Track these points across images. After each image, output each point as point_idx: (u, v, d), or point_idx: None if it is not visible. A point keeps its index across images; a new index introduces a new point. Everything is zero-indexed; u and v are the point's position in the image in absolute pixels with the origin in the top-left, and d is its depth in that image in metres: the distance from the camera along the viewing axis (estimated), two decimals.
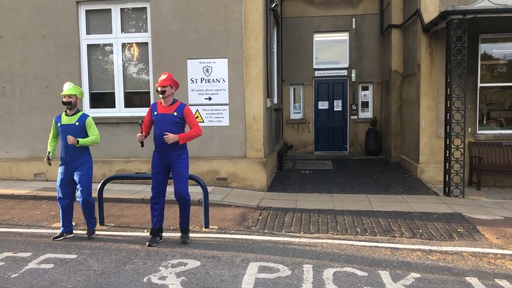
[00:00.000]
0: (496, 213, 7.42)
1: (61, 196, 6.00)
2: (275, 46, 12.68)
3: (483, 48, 9.92)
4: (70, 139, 5.76)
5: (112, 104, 9.67)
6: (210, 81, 9.11)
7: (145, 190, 8.72)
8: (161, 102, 5.76)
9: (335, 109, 15.33)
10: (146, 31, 9.46)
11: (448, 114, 8.66)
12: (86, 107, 9.66)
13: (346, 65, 15.09)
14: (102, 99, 9.79)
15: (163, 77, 5.66)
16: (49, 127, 9.63)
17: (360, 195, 8.74)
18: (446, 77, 8.77)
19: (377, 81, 14.90)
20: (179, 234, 6.20)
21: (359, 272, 4.80)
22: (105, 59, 9.76)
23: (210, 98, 9.15)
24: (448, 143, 8.69)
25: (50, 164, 6.10)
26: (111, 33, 9.53)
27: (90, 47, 9.66)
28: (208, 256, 5.32)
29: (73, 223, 6.79)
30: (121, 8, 9.46)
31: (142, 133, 5.77)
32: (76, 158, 5.95)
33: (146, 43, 9.46)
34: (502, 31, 9.64)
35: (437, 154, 9.83)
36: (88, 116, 6.06)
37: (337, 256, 5.31)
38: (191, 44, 9.13)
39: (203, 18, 9.06)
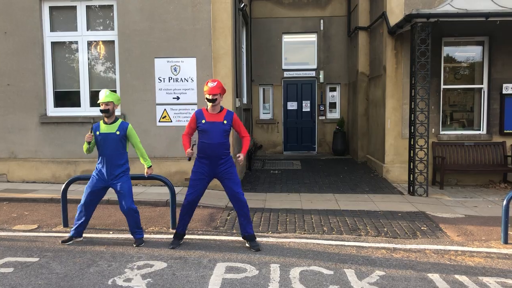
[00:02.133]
0: (458, 211, 7.65)
1: (88, 202, 5.74)
2: (244, 46, 12.69)
3: (446, 51, 10.22)
4: (150, 172, 5.92)
5: (77, 103, 9.46)
6: (178, 80, 9.03)
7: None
8: (206, 109, 5.57)
9: (303, 110, 15.46)
10: (112, 29, 9.29)
11: (412, 115, 8.87)
12: (50, 106, 9.41)
13: (315, 66, 15.26)
14: (67, 98, 9.56)
15: (212, 84, 5.42)
16: (11, 126, 9.35)
17: (327, 195, 8.85)
18: (411, 79, 8.99)
19: (344, 82, 15.12)
20: (145, 236, 6.13)
21: (325, 271, 4.85)
22: (70, 57, 9.53)
23: (178, 98, 9.07)
24: (412, 143, 8.90)
25: (90, 139, 5.71)
26: (76, 30, 9.32)
27: (54, 44, 9.41)
28: (175, 257, 5.27)
29: (36, 225, 6.61)
30: (87, 6, 9.26)
31: (191, 149, 5.53)
32: (117, 168, 5.71)
33: (113, 41, 9.30)
34: (464, 35, 9.95)
35: (402, 154, 10.05)
36: (129, 124, 5.80)
37: (304, 255, 5.36)
38: (158, 43, 9.03)
39: (171, 17, 8.97)
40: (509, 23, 8.90)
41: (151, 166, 5.95)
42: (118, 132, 5.66)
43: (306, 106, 15.44)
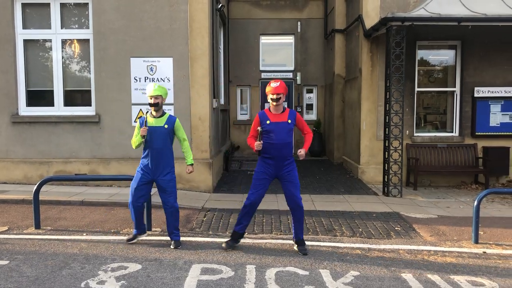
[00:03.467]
0: (431, 211, 7.79)
1: (136, 199, 5.66)
2: (221, 47, 12.67)
3: (420, 54, 10.41)
4: (192, 169, 5.96)
5: (50, 103, 9.27)
6: (155, 80, 8.95)
7: (85, 192, 8.43)
8: (269, 110, 5.53)
9: None
10: (88, 27, 9.15)
11: (387, 117, 9.01)
12: (22, 106, 9.20)
13: (292, 68, 15.34)
14: (40, 97, 9.36)
15: (275, 84, 5.41)
16: None
17: (303, 195, 8.83)
18: (386, 82, 9.12)
19: (321, 84, 15.25)
20: (120, 237, 6.05)
21: (301, 271, 4.87)
22: (43, 55, 9.34)
23: None
24: (387, 145, 9.04)
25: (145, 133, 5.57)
26: (50, 28, 9.14)
27: (27, 42, 9.21)
28: (150, 259, 5.21)
29: (6, 227, 6.45)
30: (61, 3, 9.09)
31: (260, 140, 5.46)
32: (165, 165, 5.67)
33: (88, 40, 9.15)
34: (437, 38, 10.16)
35: (377, 155, 10.19)
36: (176, 118, 5.77)
37: (280, 256, 5.38)
38: (135, 42, 8.93)
39: (148, 16, 8.89)
40: (480, 28, 9.13)
41: (192, 164, 5.94)
42: (166, 126, 5.62)
43: None
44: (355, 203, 8.29)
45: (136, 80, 8.98)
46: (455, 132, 10.44)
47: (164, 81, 8.95)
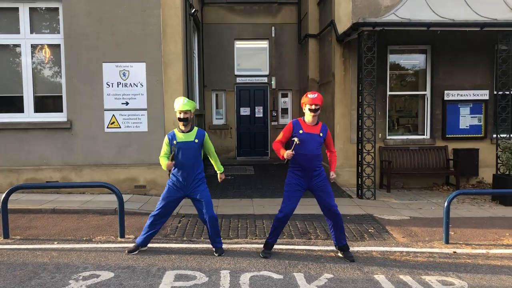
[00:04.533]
0: (403, 213, 7.92)
1: (162, 212, 5.56)
2: (196, 52, 12.64)
3: (392, 58, 10.60)
4: (223, 177, 6.01)
5: (20, 109, 9.07)
6: (128, 85, 8.86)
7: (57, 200, 8.26)
8: (303, 120, 5.49)
9: (256, 115, 15.56)
10: (58, 32, 9.01)
11: (360, 121, 9.13)
12: None
13: (267, 73, 15.40)
14: (9, 103, 9.16)
15: (313, 95, 5.38)
16: None
17: (279, 199, 8.86)
18: (358, 86, 9.25)
19: (296, 88, 15.35)
20: (92, 245, 5.95)
21: (275, 275, 4.89)
22: (12, 61, 9.14)
23: (127, 103, 8.89)
24: (360, 148, 9.16)
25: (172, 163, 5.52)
26: (18, 33, 8.96)
27: None
28: (123, 266, 5.14)
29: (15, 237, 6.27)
30: (30, 8, 8.92)
31: (293, 151, 5.37)
32: (196, 177, 5.61)
33: (59, 45, 9.01)
34: (408, 43, 10.37)
35: (351, 158, 10.30)
36: (205, 131, 5.68)
37: (255, 260, 5.37)
38: (107, 47, 8.83)
39: (120, 21, 8.80)
40: (449, 33, 9.36)
41: (223, 172, 5.93)
42: (196, 140, 5.54)
43: (259, 112, 15.55)
44: None
45: (109, 86, 8.87)
46: (427, 135, 10.66)
47: (137, 86, 8.87)
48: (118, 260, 5.36)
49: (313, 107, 5.40)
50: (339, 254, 5.60)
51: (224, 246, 5.96)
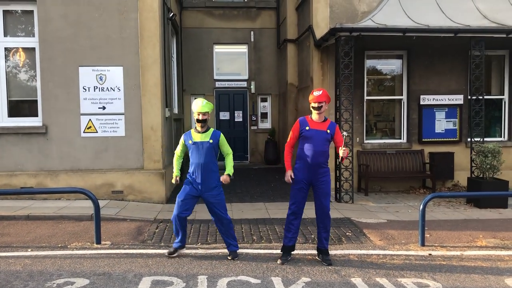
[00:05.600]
0: (381, 216, 8.01)
1: (181, 211, 5.54)
2: (174, 56, 12.58)
3: (369, 63, 10.74)
4: (227, 180, 5.65)
5: None
6: (104, 89, 8.76)
7: (31, 206, 8.09)
8: (310, 117, 5.49)
9: (236, 120, 15.56)
10: (33, 35, 8.86)
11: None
12: None
13: (246, 77, 15.43)
14: None
15: (318, 93, 5.40)
16: None
17: (258, 203, 8.93)
18: (336, 90, 9.34)
19: (275, 93, 15.41)
20: (67, 252, 5.84)
21: (253, 280, 4.88)
22: None
23: (104, 107, 8.79)
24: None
25: (178, 183, 5.73)
26: None
27: None
28: (98, 273, 5.06)
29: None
30: (4, 10, 8.76)
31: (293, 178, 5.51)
32: (211, 180, 5.59)
33: (34, 48, 8.85)
34: (385, 48, 10.52)
35: (330, 162, 10.33)
36: (220, 132, 5.66)
37: (233, 265, 5.35)
38: (83, 51, 8.72)
39: (97, 24, 8.71)
40: (424, 38, 9.52)
41: (229, 174, 5.72)
42: (211, 141, 5.56)
43: (239, 116, 15.55)
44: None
45: (85, 90, 8.75)
46: (403, 139, 10.81)
47: (114, 90, 8.78)
48: (94, 266, 5.27)
49: (316, 105, 5.46)
50: (317, 258, 5.62)
51: (202, 251, 5.94)
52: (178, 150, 5.81)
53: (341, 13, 10.26)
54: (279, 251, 5.94)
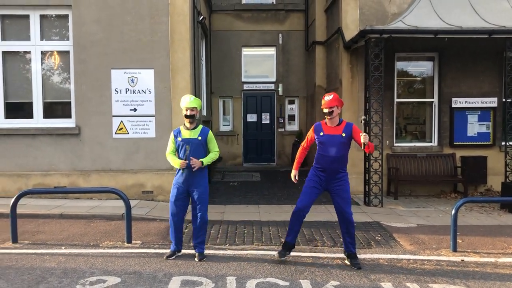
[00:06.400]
0: (411, 220, 7.88)
1: (175, 212, 5.66)
2: (203, 59, 12.71)
3: (399, 65, 10.59)
4: (197, 163, 5.48)
5: (30, 115, 9.17)
6: (136, 91, 8.93)
7: (65, 205, 8.31)
8: (325, 122, 5.51)
9: (263, 122, 15.59)
10: (68, 39, 9.11)
11: (367, 128, 9.11)
12: (0, 118, 9.07)
13: (274, 79, 15.44)
14: (19, 109, 9.26)
15: (328, 97, 5.40)
16: None
17: (285, 206, 8.92)
18: (365, 93, 9.26)
19: (302, 95, 15.37)
20: (99, 250, 5.98)
21: (281, 282, 4.88)
22: (23, 67, 9.25)
23: (135, 109, 8.95)
24: (367, 155, 9.13)
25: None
26: (29, 40, 9.07)
27: (5, 54, 9.12)
28: (129, 272, 5.16)
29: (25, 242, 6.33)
30: (40, 15, 9.04)
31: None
32: (199, 177, 5.64)
33: (68, 52, 9.10)
34: (415, 50, 10.36)
35: (358, 165, 10.25)
36: (209, 129, 5.75)
37: (261, 267, 5.37)
38: (115, 54, 8.91)
39: (129, 28, 8.89)
40: (456, 40, 9.34)
41: (202, 162, 5.58)
42: (200, 138, 5.61)
43: (266, 118, 15.58)
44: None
45: (117, 92, 8.94)
46: (434, 142, 10.61)
47: (145, 92, 8.94)
48: (125, 265, 5.38)
49: (327, 110, 5.41)
50: (346, 262, 5.57)
51: (230, 252, 5.97)
52: (169, 148, 5.74)
53: (371, 15, 10.16)
54: (307, 254, 5.94)
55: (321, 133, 5.49)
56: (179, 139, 5.61)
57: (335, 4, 11.37)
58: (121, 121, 8.95)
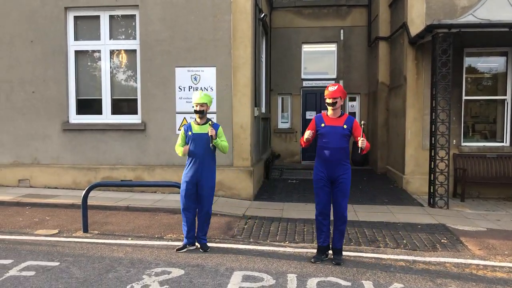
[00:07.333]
0: (479, 224, 7.50)
1: (187, 207, 5.88)
2: (263, 56, 12.75)
3: (468, 61, 10.09)
4: (213, 131, 5.67)
5: (99, 111, 9.61)
6: (198, 89, 9.12)
7: (130, 198, 8.67)
8: (326, 114, 5.55)
9: None
10: (134, 38, 9.46)
11: (433, 126, 8.77)
12: (72, 114, 9.59)
13: (334, 76, 15.22)
14: (89, 105, 9.74)
15: (333, 88, 5.41)
16: (34, 133, 9.55)
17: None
18: (432, 90, 8.90)
19: (364, 92, 15.04)
20: (163, 243, 6.18)
21: (343, 282, 4.80)
22: (92, 66, 9.72)
23: None
24: (433, 154, 8.79)
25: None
26: (99, 39, 9.51)
27: (77, 53, 9.61)
28: (192, 264, 5.29)
29: (57, 230, 6.72)
30: (110, 15, 9.45)
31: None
32: (207, 171, 5.83)
33: (135, 50, 9.46)
34: (486, 45, 9.83)
35: (422, 165, 9.91)
36: (219, 125, 6.00)
37: (322, 266, 5.32)
38: (179, 52, 9.14)
39: (192, 27, 9.09)
40: None
41: (215, 141, 5.77)
42: (209, 133, 5.79)
43: None
44: (399, 214, 8.10)
45: (181, 89, 9.18)
46: (506, 142, 10.02)
47: (207, 90, 9.10)
48: (188, 258, 5.52)
49: (330, 101, 5.38)
50: (329, 256, 5.55)
51: (290, 249, 5.97)
52: (178, 142, 5.89)
53: (439, 8, 9.75)
54: (369, 255, 5.81)
55: (322, 125, 5.45)
56: (190, 133, 5.79)
57: None
58: (184, 117, 9.17)
